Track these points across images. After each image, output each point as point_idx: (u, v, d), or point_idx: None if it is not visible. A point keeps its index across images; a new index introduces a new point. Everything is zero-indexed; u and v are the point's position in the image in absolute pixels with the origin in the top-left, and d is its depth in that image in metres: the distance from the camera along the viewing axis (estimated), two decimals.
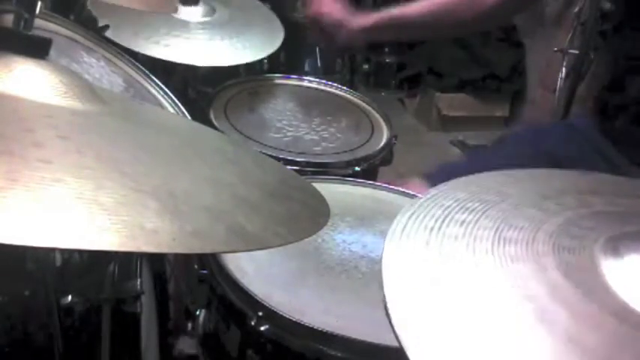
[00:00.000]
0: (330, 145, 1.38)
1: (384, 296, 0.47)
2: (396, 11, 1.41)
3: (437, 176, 1.29)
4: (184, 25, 1.41)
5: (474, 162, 1.41)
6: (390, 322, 0.45)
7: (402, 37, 1.64)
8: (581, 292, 0.48)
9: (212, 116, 1.39)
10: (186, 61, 1.34)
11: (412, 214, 0.57)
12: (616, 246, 0.52)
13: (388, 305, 0.46)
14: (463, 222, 0.56)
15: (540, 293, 0.48)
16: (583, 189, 0.66)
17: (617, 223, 0.57)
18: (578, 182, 0.69)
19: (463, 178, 0.65)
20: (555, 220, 0.57)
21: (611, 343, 0.44)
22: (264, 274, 0.92)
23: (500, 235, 0.55)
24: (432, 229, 0.55)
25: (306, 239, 0.64)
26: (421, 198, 0.61)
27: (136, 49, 1.26)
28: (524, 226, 0.56)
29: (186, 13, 1.43)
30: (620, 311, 0.46)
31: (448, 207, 0.58)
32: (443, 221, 0.56)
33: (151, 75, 1.21)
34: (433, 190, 0.62)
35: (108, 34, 1.24)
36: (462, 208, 0.58)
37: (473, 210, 0.58)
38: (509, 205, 0.60)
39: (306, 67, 2.18)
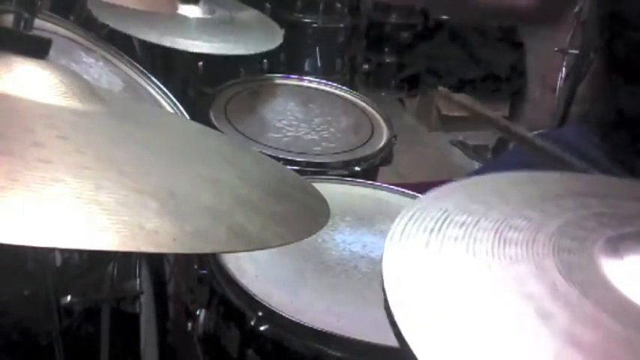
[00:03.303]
0: (330, 145, 1.38)
1: (385, 298, 0.47)
2: None
3: None
4: (184, 24, 1.41)
5: None
6: (394, 323, 0.45)
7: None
8: (581, 293, 0.48)
9: (212, 116, 1.39)
10: (187, 48, 1.33)
11: (412, 215, 0.57)
12: (616, 246, 0.52)
13: (391, 307, 0.46)
14: (463, 223, 0.56)
15: (541, 294, 0.48)
16: (582, 191, 0.66)
17: (616, 224, 0.57)
18: (577, 185, 0.69)
19: (463, 181, 0.65)
20: (555, 221, 0.57)
21: (611, 342, 0.44)
22: (264, 274, 0.92)
23: (500, 236, 0.55)
24: (431, 230, 0.55)
25: (306, 239, 0.63)
26: (423, 195, 0.61)
27: (135, 34, 1.25)
28: (524, 228, 0.56)
29: (187, 12, 1.43)
30: (620, 311, 0.46)
31: (448, 209, 0.58)
32: (443, 223, 0.56)
33: (150, 75, 1.21)
34: (433, 192, 0.62)
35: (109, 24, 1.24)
36: (461, 210, 0.58)
37: (473, 212, 0.58)
38: (509, 206, 0.60)
39: (306, 67, 2.18)
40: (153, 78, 1.20)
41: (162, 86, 1.19)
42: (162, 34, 1.29)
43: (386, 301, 0.47)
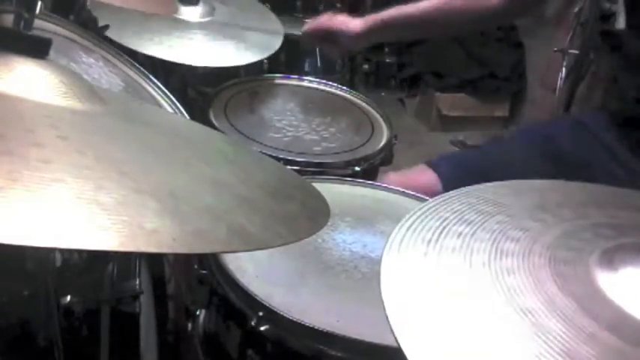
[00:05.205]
0: (330, 145, 1.38)
1: (384, 310, 0.47)
2: (395, 11, 1.38)
3: (444, 165, 1.29)
4: (185, 25, 1.41)
5: (482, 154, 1.40)
6: (393, 334, 0.45)
7: (401, 37, 1.57)
8: (577, 305, 0.48)
9: (212, 116, 1.39)
10: (187, 62, 1.34)
11: (410, 225, 0.57)
12: (611, 258, 0.52)
13: (390, 320, 0.46)
14: (460, 234, 0.56)
15: (536, 306, 0.48)
16: (581, 201, 0.66)
17: (613, 235, 0.57)
18: (576, 194, 0.69)
19: (461, 189, 0.65)
20: (552, 232, 0.57)
21: (606, 355, 0.44)
22: (264, 274, 0.92)
23: (497, 247, 0.55)
24: (429, 241, 0.55)
25: (307, 239, 0.63)
26: (421, 205, 0.61)
27: (138, 49, 1.26)
28: (520, 239, 0.56)
29: (187, 13, 1.43)
30: (615, 323, 0.46)
31: (446, 219, 0.58)
32: (440, 233, 0.56)
33: (149, 75, 1.21)
34: (431, 202, 0.62)
35: (109, 33, 1.24)
36: (459, 219, 0.58)
37: (470, 222, 0.58)
38: (507, 216, 0.60)
39: (306, 67, 2.17)
40: (153, 78, 1.20)
41: (162, 86, 1.19)
42: (163, 42, 1.29)
43: (385, 312, 0.47)
